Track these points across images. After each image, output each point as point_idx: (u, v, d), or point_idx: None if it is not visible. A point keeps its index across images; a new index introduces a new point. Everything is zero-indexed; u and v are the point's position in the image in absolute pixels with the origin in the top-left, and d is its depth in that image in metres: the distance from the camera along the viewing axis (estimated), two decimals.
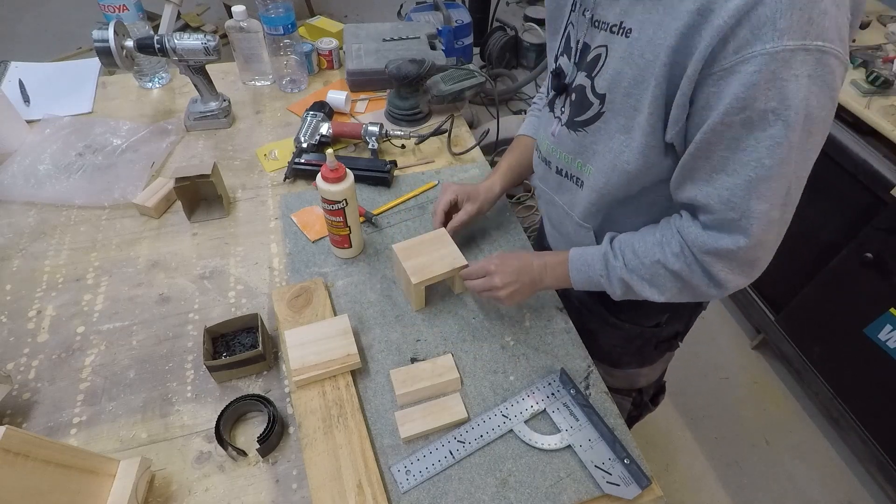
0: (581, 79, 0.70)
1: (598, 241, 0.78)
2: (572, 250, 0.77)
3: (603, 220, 0.78)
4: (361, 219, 1.00)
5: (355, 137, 1.12)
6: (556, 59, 0.77)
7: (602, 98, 0.67)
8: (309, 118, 1.12)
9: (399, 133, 1.11)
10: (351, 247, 0.91)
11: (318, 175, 0.81)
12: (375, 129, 1.09)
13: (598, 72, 0.67)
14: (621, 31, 0.62)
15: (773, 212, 0.58)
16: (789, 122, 0.52)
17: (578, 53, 0.71)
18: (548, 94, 0.80)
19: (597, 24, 0.66)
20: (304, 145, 1.09)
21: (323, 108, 1.15)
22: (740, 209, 0.58)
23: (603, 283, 0.73)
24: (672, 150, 0.65)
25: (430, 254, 0.84)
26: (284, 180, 1.08)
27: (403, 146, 1.17)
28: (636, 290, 0.70)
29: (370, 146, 1.10)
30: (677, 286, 0.68)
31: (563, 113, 0.76)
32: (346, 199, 0.83)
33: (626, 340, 0.94)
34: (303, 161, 1.07)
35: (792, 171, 0.56)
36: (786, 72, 0.50)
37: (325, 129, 1.11)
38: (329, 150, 0.80)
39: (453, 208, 0.91)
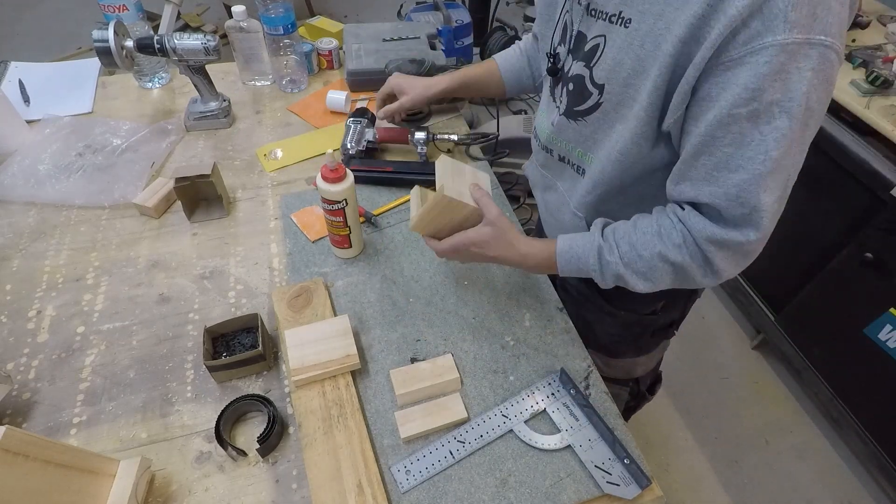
0: (578, 68, 0.70)
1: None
2: (559, 240, 0.73)
3: (595, 211, 0.78)
4: (361, 219, 1.00)
5: (402, 142, 1.11)
6: (552, 47, 0.77)
7: (601, 88, 0.67)
8: (352, 125, 1.11)
9: (446, 138, 1.10)
10: (351, 247, 0.91)
11: (318, 175, 0.81)
12: (423, 134, 1.08)
13: (597, 62, 0.66)
14: (620, 20, 0.62)
15: (776, 204, 0.59)
16: (792, 114, 0.53)
17: (573, 41, 0.71)
18: (545, 81, 0.80)
19: (594, 12, 0.66)
20: (353, 152, 1.08)
21: (365, 114, 1.14)
22: (751, 204, 0.58)
23: (594, 275, 0.71)
24: (667, 140, 0.65)
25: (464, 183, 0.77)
26: None
27: (450, 150, 1.17)
28: (629, 282, 0.69)
29: (418, 151, 1.09)
30: (671, 277, 0.67)
31: (561, 102, 0.75)
32: (346, 199, 0.83)
33: (622, 329, 0.95)
34: (353, 168, 1.06)
35: (791, 163, 0.57)
36: (792, 64, 0.50)
37: (370, 134, 1.10)
38: (329, 150, 0.80)
39: (391, 99, 0.98)
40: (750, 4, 0.49)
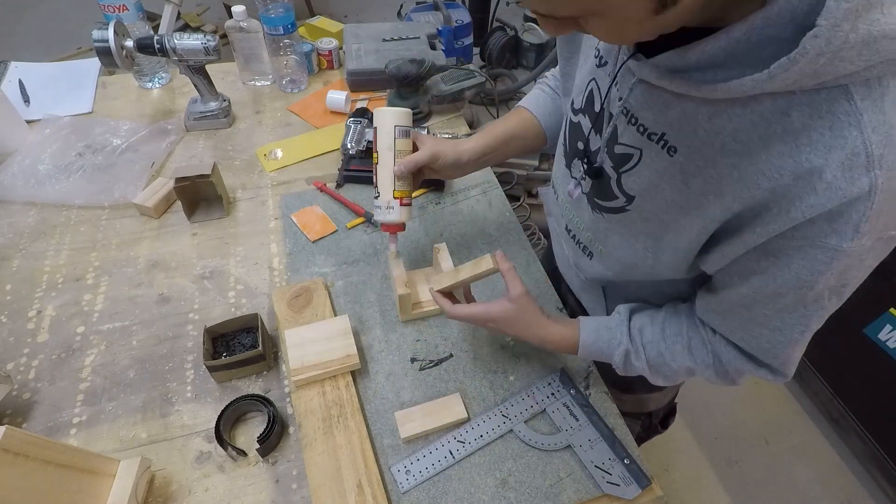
0: (605, 159, 0.60)
1: (605, 297, 0.77)
2: (583, 332, 0.68)
3: (610, 285, 0.76)
4: (361, 219, 1.00)
5: None
6: (574, 111, 0.65)
7: (630, 198, 0.58)
8: (352, 125, 1.11)
9: (446, 135, 1.10)
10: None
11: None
12: (423, 133, 1.08)
13: (629, 171, 0.57)
14: (663, 143, 0.52)
15: (802, 351, 0.58)
16: (843, 296, 0.51)
17: (598, 121, 0.60)
18: (563, 146, 0.70)
19: (629, 116, 0.54)
20: (353, 152, 1.08)
21: (365, 114, 1.14)
22: (781, 359, 0.57)
23: (617, 370, 0.69)
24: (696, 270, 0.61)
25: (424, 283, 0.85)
26: (337, 188, 1.07)
27: None
28: (649, 379, 0.68)
29: None
30: (690, 378, 0.68)
31: (583, 180, 0.65)
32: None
33: None
34: (353, 168, 1.07)
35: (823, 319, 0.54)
36: (856, 261, 0.46)
37: (370, 134, 1.10)
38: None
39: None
40: (818, 215, 0.43)
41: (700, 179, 0.50)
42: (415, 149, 0.76)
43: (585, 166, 0.63)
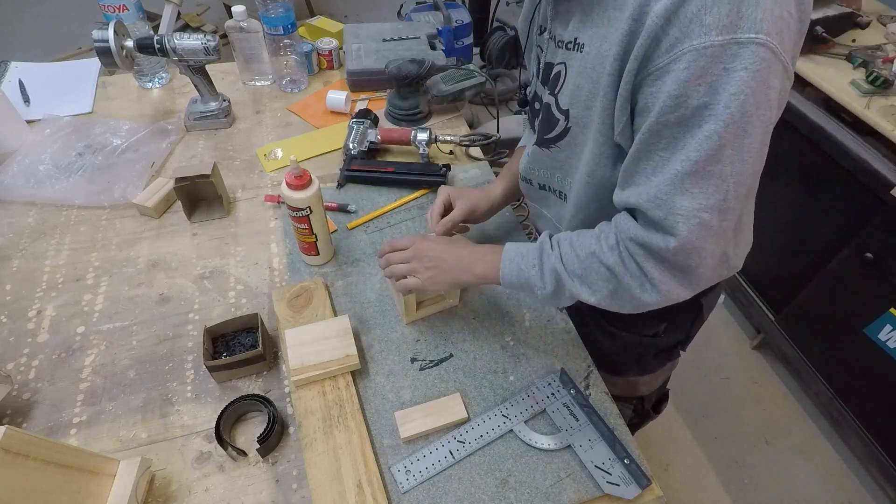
0: (546, 97, 0.72)
1: None
2: (508, 243, 0.73)
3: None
4: (361, 220, 1.00)
5: (404, 143, 1.11)
6: (537, 94, 0.77)
7: (566, 114, 0.68)
8: (355, 125, 1.11)
9: (448, 139, 1.11)
10: (318, 254, 0.90)
11: (283, 182, 0.80)
12: (424, 135, 1.09)
13: (560, 88, 0.68)
14: (576, 46, 0.63)
15: (704, 213, 0.55)
16: (719, 116, 0.50)
17: (542, 72, 0.72)
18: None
19: (559, 43, 0.67)
20: (355, 152, 1.09)
21: (368, 115, 1.14)
22: (666, 206, 0.56)
23: (534, 275, 0.68)
24: (624, 155, 0.63)
25: None
26: (338, 188, 1.07)
27: (452, 152, 1.17)
28: (566, 285, 0.66)
29: (420, 152, 1.09)
30: (610, 286, 0.63)
31: (537, 132, 0.76)
32: (310, 207, 0.82)
33: (623, 348, 0.92)
34: (354, 168, 1.07)
35: (728, 173, 0.53)
36: (715, 66, 0.49)
37: (372, 135, 1.11)
38: (292, 157, 0.79)
39: (448, 210, 0.88)
40: (664, 13, 0.50)
41: (598, 56, 0.59)
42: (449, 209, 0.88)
43: (531, 111, 0.74)
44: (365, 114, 1.15)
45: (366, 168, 1.07)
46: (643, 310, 0.65)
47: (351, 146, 1.09)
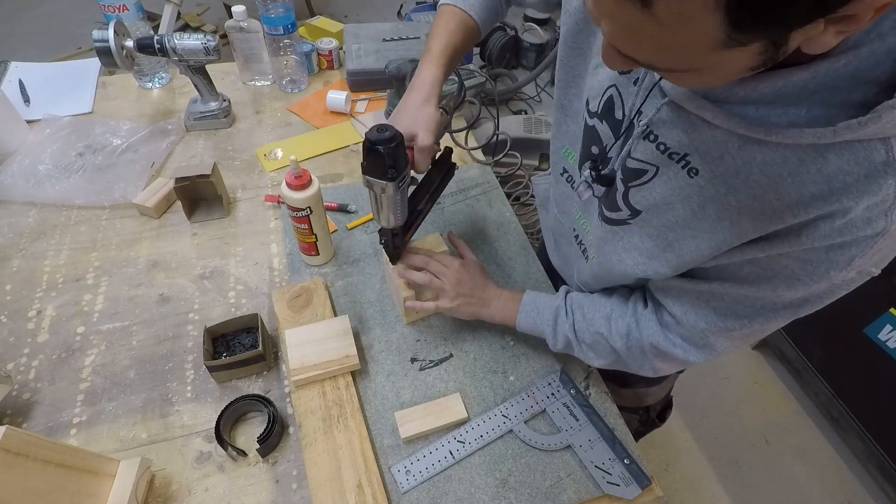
0: (617, 170, 0.59)
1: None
2: (527, 292, 0.77)
3: (601, 289, 0.76)
4: (361, 220, 1.00)
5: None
6: (590, 114, 0.61)
7: (634, 212, 0.57)
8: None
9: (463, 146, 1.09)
10: (318, 254, 0.90)
11: (283, 182, 0.80)
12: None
13: (638, 186, 0.55)
14: (684, 164, 0.50)
15: (730, 349, 0.59)
16: (798, 313, 0.52)
17: (624, 139, 0.57)
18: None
19: (647, 132, 0.52)
20: (395, 231, 1.04)
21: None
22: (707, 341, 0.58)
23: (548, 332, 0.73)
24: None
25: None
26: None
27: (451, 152, 1.16)
28: (576, 349, 0.72)
29: None
30: (613, 358, 0.69)
31: (593, 181, 0.62)
32: (310, 207, 0.82)
33: None
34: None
35: (772, 328, 0.55)
36: (832, 289, 0.48)
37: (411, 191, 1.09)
38: (292, 157, 0.79)
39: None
40: (825, 245, 0.44)
41: (718, 205, 0.49)
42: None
43: (594, 173, 0.61)
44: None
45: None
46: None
47: (389, 221, 0.73)
